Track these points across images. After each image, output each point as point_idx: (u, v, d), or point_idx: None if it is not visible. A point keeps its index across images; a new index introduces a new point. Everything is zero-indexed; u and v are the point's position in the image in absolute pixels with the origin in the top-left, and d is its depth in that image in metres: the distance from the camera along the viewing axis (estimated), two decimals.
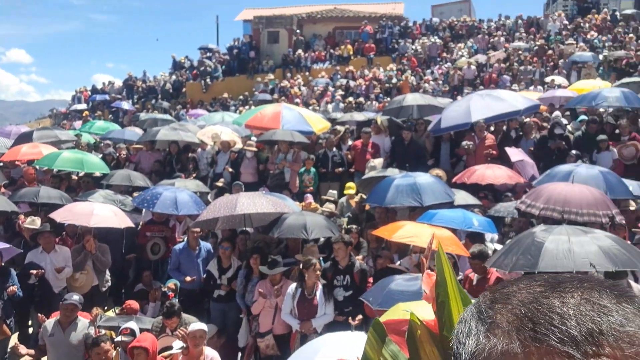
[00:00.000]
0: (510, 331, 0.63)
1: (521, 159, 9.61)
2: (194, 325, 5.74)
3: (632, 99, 10.74)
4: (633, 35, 21.59)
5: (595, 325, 0.59)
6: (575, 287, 0.63)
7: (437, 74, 22.27)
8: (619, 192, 7.26)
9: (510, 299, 0.66)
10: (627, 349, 0.57)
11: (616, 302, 0.61)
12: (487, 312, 0.68)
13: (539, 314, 0.62)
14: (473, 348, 0.67)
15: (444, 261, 1.39)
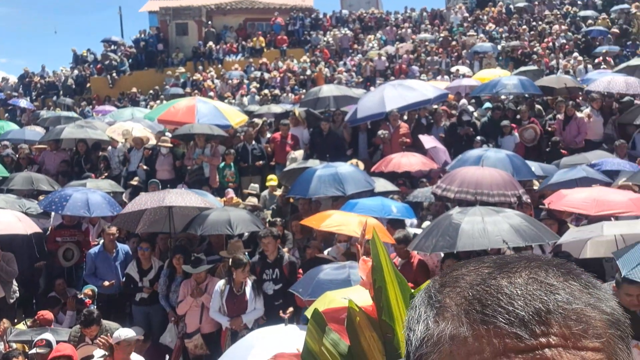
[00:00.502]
0: (459, 314, 0.62)
1: (434, 146, 10.06)
2: (122, 333, 5.45)
3: (529, 85, 11.58)
4: (526, 27, 23.23)
5: (543, 304, 0.59)
6: (522, 267, 0.63)
7: (349, 65, 22.69)
8: (524, 174, 7.83)
9: (458, 282, 0.66)
10: (574, 326, 0.58)
11: (563, 279, 0.61)
12: (436, 297, 0.67)
13: (487, 295, 0.61)
14: (422, 334, 0.66)
15: (380, 247, 1.42)
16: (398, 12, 28.80)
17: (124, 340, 5.28)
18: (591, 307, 0.60)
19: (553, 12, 24.75)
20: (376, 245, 1.40)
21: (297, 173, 9.29)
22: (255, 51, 25.43)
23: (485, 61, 19.81)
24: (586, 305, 0.60)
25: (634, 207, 6.16)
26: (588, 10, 24.14)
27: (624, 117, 10.98)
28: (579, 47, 20.39)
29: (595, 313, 0.60)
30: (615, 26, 21.50)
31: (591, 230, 5.46)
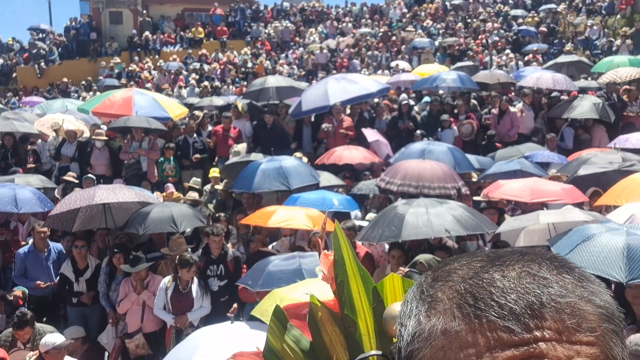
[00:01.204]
0: (451, 308, 0.61)
1: (377, 139, 10.19)
2: (50, 340, 5.18)
3: (467, 80, 11.97)
4: (462, 24, 24.00)
5: (536, 298, 0.58)
6: (515, 260, 0.63)
7: (291, 58, 22.61)
8: (464, 166, 8.11)
9: (451, 276, 0.65)
10: (568, 320, 0.58)
11: (556, 273, 0.61)
12: (428, 291, 0.66)
13: (480, 289, 0.61)
14: (414, 329, 0.65)
15: (342, 240, 1.40)
16: (339, 6, 29.03)
17: (53, 348, 5.04)
18: (585, 301, 0.60)
19: (487, 10, 25.69)
20: (338, 238, 1.38)
21: (240, 167, 9.16)
22: (194, 42, 24.83)
23: (424, 56, 20.30)
24: (580, 298, 0.59)
25: (566, 196, 6.51)
26: (518, 9, 25.22)
27: (552, 111, 11.57)
28: (511, 44, 21.28)
29: (589, 307, 0.59)
30: (543, 25, 22.59)
31: (528, 219, 5.72)
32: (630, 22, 19.99)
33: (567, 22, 22.62)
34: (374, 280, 1.41)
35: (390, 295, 1.33)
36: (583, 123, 11.04)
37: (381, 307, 1.34)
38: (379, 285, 1.34)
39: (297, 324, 1.40)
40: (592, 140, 10.64)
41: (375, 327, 1.36)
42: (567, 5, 24.00)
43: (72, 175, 9.99)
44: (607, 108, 10.81)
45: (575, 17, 22.82)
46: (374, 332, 1.36)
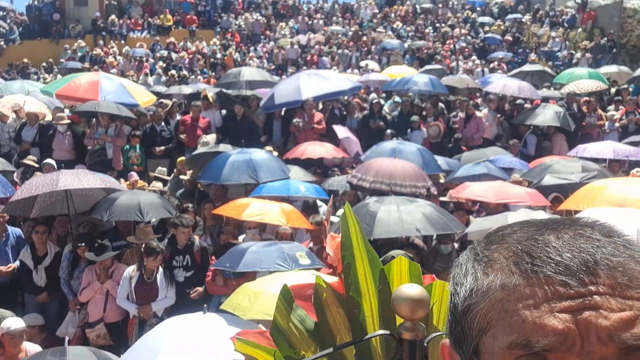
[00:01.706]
0: (509, 266, 0.65)
1: (347, 136, 10.27)
2: (6, 323, 5.01)
3: (437, 85, 12.22)
4: (430, 28, 24.40)
5: (590, 256, 0.62)
6: (568, 225, 0.67)
7: (261, 52, 22.46)
8: (432, 168, 8.29)
9: (506, 239, 0.68)
10: (620, 277, 0.61)
11: (607, 236, 0.65)
12: (483, 253, 0.69)
13: (536, 248, 0.64)
14: (471, 285, 0.68)
15: (352, 223, 1.44)
16: (310, 3, 28.97)
17: (7, 333, 4.89)
18: (635, 261, 0.64)
19: (455, 16, 26.20)
20: (347, 221, 1.41)
21: (208, 157, 9.05)
22: (163, 29, 24.32)
23: (393, 58, 20.55)
24: (630, 258, 0.64)
25: (529, 199, 6.74)
26: (486, 17, 25.82)
27: (517, 118, 11.94)
28: (477, 51, 21.79)
29: (638, 267, 0.64)
30: (508, 34, 23.22)
31: (496, 219, 5.90)
32: (591, 36, 20.79)
33: (531, 33, 23.32)
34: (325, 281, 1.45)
35: (397, 277, 1.37)
36: (545, 131, 11.43)
37: (387, 290, 1.38)
38: (386, 267, 1.37)
39: (302, 305, 1.43)
40: (553, 148, 11.03)
41: (379, 310, 1.40)
42: (532, 17, 24.73)
43: (33, 159, 9.65)
44: (568, 117, 11.23)
45: (539, 28, 23.55)
46: (378, 314, 1.40)
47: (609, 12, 21.24)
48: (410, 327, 1.19)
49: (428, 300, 1.17)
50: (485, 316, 0.66)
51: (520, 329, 0.62)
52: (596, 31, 20.89)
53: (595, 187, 6.54)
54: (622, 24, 20.43)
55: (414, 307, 1.15)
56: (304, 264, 4.86)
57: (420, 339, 1.22)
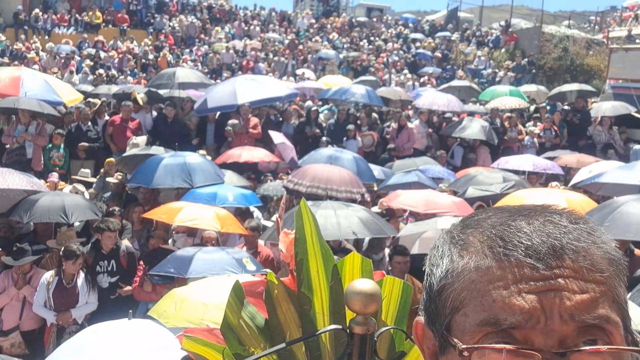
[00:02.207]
0: (483, 249, 0.69)
1: (283, 142, 10.27)
2: None
3: (373, 97, 12.55)
4: (365, 41, 24.98)
5: (557, 241, 0.67)
6: (539, 212, 0.72)
7: (195, 55, 22.05)
8: (367, 177, 8.47)
9: (481, 224, 0.73)
10: (582, 261, 0.66)
11: (574, 222, 0.70)
12: (459, 236, 0.74)
13: (508, 233, 0.69)
14: (447, 266, 0.72)
15: (306, 219, 1.44)
16: (247, 8, 28.82)
17: None
18: (596, 247, 0.69)
19: (389, 31, 26.98)
20: (302, 217, 1.40)
21: (139, 159, 8.74)
22: (91, 27, 23.29)
23: (329, 68, 20.84)
24: (593, 244, 0.69)
25: (456, 208, 7.03)
26: (417, 33, 26.79)
27: (445, 130, 12.45)
28: (408, 65, 22.54)
29: (599, 252, 0.68)
30: (438, 50, 24.21)
31: (426, 224, 6.10)
32: (512, 56, 22.09)
33: (459, 51, 24.44)
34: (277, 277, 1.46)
35: (349, 273, 1.38)
36: (471, 143, 11.99)
37: (338, 286, 1.38)
38: (339, 263, 1.38)
39: (253, 302, 1.41)
40: (477, 160, 11.59)
41: (330, 305, 1.40)
42: (460, 36, 25.94)
43: None
44: (493, 131, 11.85)
45: (466, 47, 24.74)
46: (329, 310, 1.40)
47: (530, 35, 22.70)
48: (361, 322, 1.20)
49: (380, 295, 1.19)
50: (458, 296, 0.70)
51: (491, 308, 0.66)
52: (518, 52, 22.23)
53: (516, 197, 6.95)
54: (540, 47, 21.87)
55: (366, 301, 1.17)
56: (250, 270, 4.79)
57: (370, 333, 1.23)
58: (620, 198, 5.64)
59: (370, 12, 31.29)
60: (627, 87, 15.07)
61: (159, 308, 4.42)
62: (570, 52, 21.45)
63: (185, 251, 5.07)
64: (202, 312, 3.75)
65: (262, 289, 1.44)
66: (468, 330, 0.68)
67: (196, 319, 3.88)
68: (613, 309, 0.66)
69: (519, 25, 24.81)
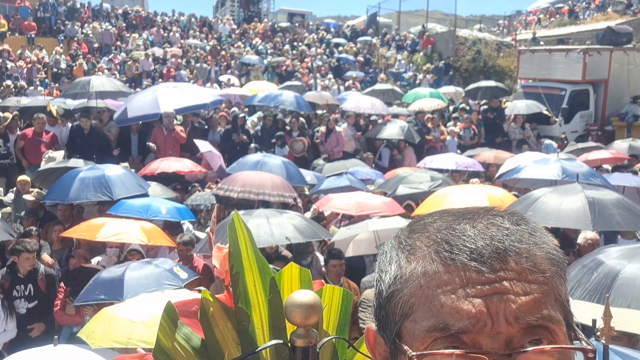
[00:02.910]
0: (430, 254, 0.70)
1: (209, 150, 10.05)
2: None
3: (302, 104, 12.59)
4: (289, 46, 25.05)
5: (500, 244, 0.68)
6: (481, 215, 0.73)
7: (112, 64, 21.17)
8: (297, 180, 8.47)
9: (427, 228, 0.73)
10: (525, 262, 0.68)
11: (516, 224, 0.71)
12: (406, 241, 0.74)
13: (454, 237, 0.70)
14: (395, 272, 0.73)
15: (240, 232, 1.39)
16: (165, 14, 28.05)
17: None
18: (537, 247, 0.70)
19: (311, 36, 27.22)
20: (236, 230, 1.35)
21: (58, 173, 8.23)
22: None
23: (253, 74, 20.69)
24: (534, 245, 0.70)
25: (387, 208, 7.18)
26: (340, 38, 27.23)
27: (370, 132, 12.71)
28: (333, 69, 22.84)
29: (541, 252, 0.70)
30: (360, 55, 24.72)
31: (359, 227, 6.17)
32: (430, 59, 22.97)
33: (380, 55, 25.09)
34: (212, 294, 1.41)
35: (288, 285, 1.34)
36: (397, 145, 12.32)
37: (277, 298, 1.34)
38: (277, 275, 1.33)
39: (187, 322, 1.33)
40: (404, 160, 11.93)
41: (269, 319, 1.35)
42: (380, 40, 26.64)
43: None
44: (413, 131, 12.25)
45: (387, 51, 25.43)
46: (268, 324, 1.35)
47: (445, 39, 23.70)
48: (303, 334, 1.17)
49: (321, 305, 1.16)
50: (407, 302, 0.71)
51: (439, 313, 0.67)
52: (435, 55, 23.14)
53: (442, 194, 7.22)
54: (455, 50, 22.90)
55: (307, 313, 1.14)
56: (184, 279, 4.62)
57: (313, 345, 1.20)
58: (537, 191, 5.98)
59: (292, 18, 31.45)
60: (535, 87, 16.11)
61: (88, 328, 4.17)
62: (483, 54, 22.63)
63: (111, 272, 4.77)
64: (130, 330, 3.57)
65: (196, 307, 1.36)
66: (418, 336, 0.69)
67: (123, 339, 3.69)
68: (555, 308, 0.68)
69: (434, 29, 25.84)
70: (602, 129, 15.46)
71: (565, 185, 6.34)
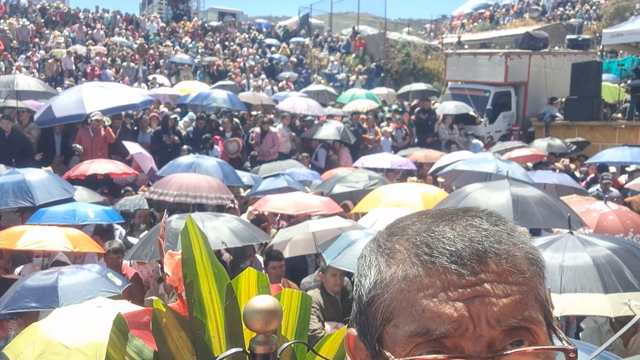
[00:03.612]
0: (410, 257, 0.69)
1: (139, 152, 9.68)
2: None
3: (235, 101, 12.37)
4: (220, 46, 24.63)
5: (480, 245, 0.67)
6: (460, 216, 0.72)
7: (30, 62, 19.93)
8: (232, 179, 8.33)
9: (406, 230, 0.72)
10: (504, 264, 0.67)
11: (494, 225, 0.71)
12: (385, 245, 0.73)
13: (433, 239, 0.69)
14: (375, 277, 0.71)
15: (194, 237, 1.31)
16: (88, 11, 26.79)
17: None
18: (517, 248, 0.70)
19: (243, 36, 26.92)
20: (189, 236, 1.27)
21: None
22: None
23: (183, 73, 20.16)
24: (513, 245, 0.70)
25: (325, 207, 7.22)
26: (272, 38, 27.11)
27: (306, 133, 12.74)
28: (266, 70, 22.70)
29: (520, 253, 0.70)
30: (293, 56, 24.74)
31: (298, 228, 6.14)
32: (362, 61, 23.37)
33: (313, 56, 25.22)
34: (145, 304, 1.34)
35: (245, 291, 1.29)
36: (332, 145, 12.42)
37: (234, 305, 1.28)
38: (234, 281, 1.27)
39: (138, 334, 1.25)
40: (340, 160, 12.05)
41: (226, 328, 1.29)
42: (313, 41, 26.79)
43: None
44: (348, 131, 12.41)
45: (319, 52, 25.61)
46: (224, 332, 1.29)
47: (376, 41, 24.20)
48: (263, 341, 1.13)
49: (281, 310, 1.12)
50: (388, 307, 0.69)
51: (420, 318, 0.66)
52: (367, 57, 23.57)
53: (379, 192, 7.36)
54: (386, 52, 23.44)
55: (267, 319, 1.10)
56: (119, 285, 4.38)
57: (273, 351, 1.16)
58: (469, 186, 6.20)
59: (222, 17, 30.97)
60: (462, 88, 16.79)
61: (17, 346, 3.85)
62: (412, 56, 23.30)
63: (40, 279, 4.45)
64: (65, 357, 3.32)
65: (147, 318, 1.28)
66: (399, 341, 0.68)
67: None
68: (536, 308, 0.68)
69: (365, 31, 26.32)
70: (523, 129, 16.35)
71: (495, 181, 6.63)
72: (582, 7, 32.01)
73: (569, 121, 14.97)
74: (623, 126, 14.39)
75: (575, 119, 14.79)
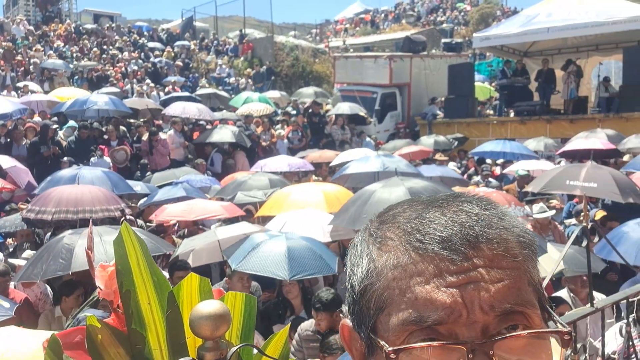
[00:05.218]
0: (402, 244, 0.68)
1: (13, 165, 8.82)
2: None
3: (118, 103, 11.67)
4: (97, 50, 23.17)
5: (471, 230, 0.67)
6: (450, 202, 0.72)
7: None
8: (122, 188, 7.88)
9: (397, 218, 0.72)
10: (496, 248, 0.67)
11: (484, 209, 0.70)
12: (376, 233, 0.72)
13: (424, 226, 0.68)
14: (367, 266, 0.70)
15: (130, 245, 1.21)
16: None
17: None
18: (507, 232, 0.69)
19: (122, 39, 25.57)
20: (123, 244, 1.17)
21: None
22: None
23: (58, 80, 18.70)
24: (504, 229, 0.69)
25: (225, 211, 7.09)
26: (155, 42, 26.05)
27: (198, 138, 12.41)
28: (150, 74, 21.74)
29: (511, 236, 0.69)
30: (178, 59, 23.97)
31: (205, 236, 5.95)
32: (251, 64, 23.27)
33: (199, 59, 24.63)
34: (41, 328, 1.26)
35: (187, 298, 1.21)
36: (227, 150, 12.21)
37: (176, 313, 1.21)
38: (176, 289, 1.20)
39: (72, 355, 1.13)
40: (236, 164, 11.87)
41: (168, 338, 1.21)
42: (198, 45, 26.16)
43: None
44: (244, 135, 12.28)
45: (206, 55, 25.07)
46: (167, 343, 1.21)
47: (264, 44, 24.25)
48: (212, 347, 1.08)
49: (229, 314, 1.08)
50: (381, 295, 0.68)
51: (413, 306, 0.66)
52: (255, 60, 23.51)
53: (282, 194, 7.36)
54: (275, 56, 23.56)
55: (216, 324, 1.05)
56: (6, 307, 3.96)
57: (223, 356, 1.11)
58: (370, 186, 6.39)
59: (98, 19, 29.19)
60: (351, 90, 17.38)
61: None
62: (301, 60, 23.66)
63: None
64: None
65: (80, 337, 1.16)
66: (393, 329, 0.67)
67: None
68: (529, 291, 0.68)
69: (253, 35, 26.27)
70: (409, 127, 17.29)
71: (389, 179, 6.93)
72: (452, 14, 34.68)
73: (449, 119, 16.10)
74: (495, 122, 15.78)
75: (453, 117, 15.94)
